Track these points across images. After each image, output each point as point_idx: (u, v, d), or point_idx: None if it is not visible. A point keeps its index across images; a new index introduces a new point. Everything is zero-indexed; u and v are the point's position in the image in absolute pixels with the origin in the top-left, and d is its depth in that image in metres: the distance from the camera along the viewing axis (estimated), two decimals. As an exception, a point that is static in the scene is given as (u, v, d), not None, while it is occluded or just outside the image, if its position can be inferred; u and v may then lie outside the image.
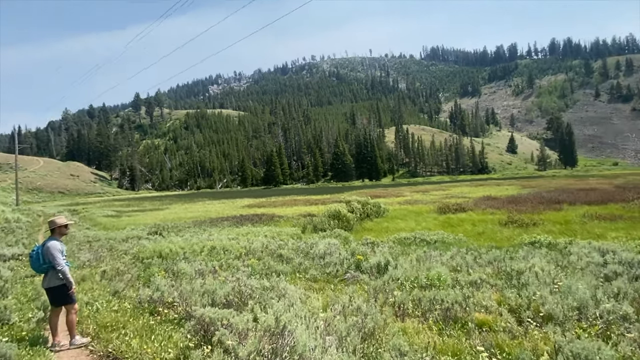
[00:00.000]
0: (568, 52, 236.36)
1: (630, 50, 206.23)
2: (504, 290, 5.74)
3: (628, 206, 21.57)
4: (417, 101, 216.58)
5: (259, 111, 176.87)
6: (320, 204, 34.85)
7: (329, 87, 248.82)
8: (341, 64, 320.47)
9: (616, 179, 51.18)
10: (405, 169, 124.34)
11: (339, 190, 65.11)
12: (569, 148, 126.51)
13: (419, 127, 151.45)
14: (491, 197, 31.82)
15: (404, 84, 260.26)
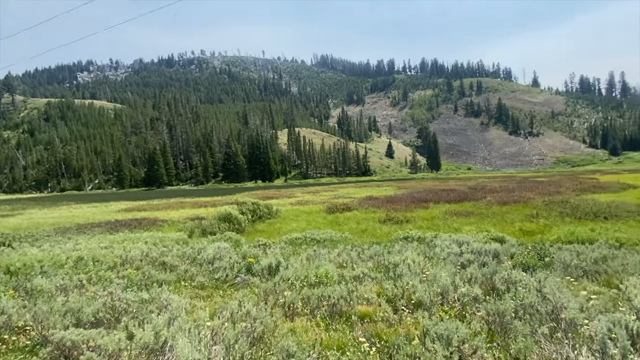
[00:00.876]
0: (435, 71, 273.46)
1: (480, 74, 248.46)
2: (383, 282, 6.29)
3: (478, 204, 25.87)
4: (308, 105, 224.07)
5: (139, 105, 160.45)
6: (210, 206, 33.32)
7: (220, 85, 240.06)
8: (233, 61, 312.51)
9: (469, 181, 60.95)
10: (297, 170, 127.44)
11: (230, 191, 63.22)
12: (434, 154, 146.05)
13: (310, 131, 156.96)
14: (373, 197, 34.72)
15: (296, 87, 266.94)
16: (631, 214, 18.05)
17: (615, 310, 4.11)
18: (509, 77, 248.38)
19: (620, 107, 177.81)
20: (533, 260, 7.21)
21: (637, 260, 7.76)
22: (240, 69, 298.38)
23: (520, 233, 15.48)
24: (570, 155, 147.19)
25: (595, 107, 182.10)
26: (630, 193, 28.91)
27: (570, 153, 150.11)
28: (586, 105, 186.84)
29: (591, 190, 31.55)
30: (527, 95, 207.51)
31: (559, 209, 20.47)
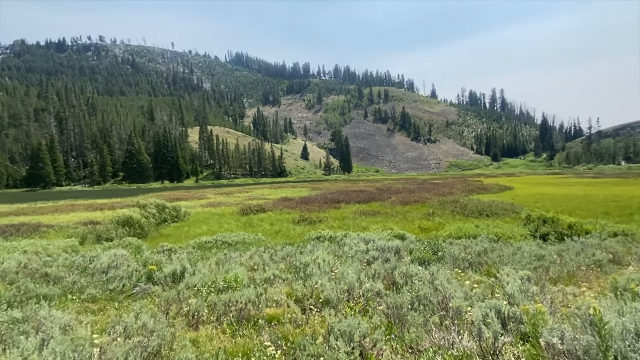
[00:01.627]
0: (347, 77, 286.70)
1: (387, 83, 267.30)
2: (293, 283, 6.32)
3: (384, 204, 27.68)
4: (222, 103, 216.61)
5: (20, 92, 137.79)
6: (107, 209, 30.12)
7: (122, 75, 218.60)
8: (138, 51, 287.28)
9: (377, 183, 65.03)
10: (210, 170, 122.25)
11: (132, 192, 57.88)
12: (346, 157, 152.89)
13: (224, 130, 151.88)
14: (287, 198, 34.91)
15: (209, 84, 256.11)
16: (507, 211, 21.03)
17: (492, 296, 4.70)
18: (411, 88, 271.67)
19: (500, 120, 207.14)
20: (428, 254, 7.93)
21: (510, 252, 9.04)
22: (146, 60, 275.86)
23: (419, 230, 16.95)
24: (461, 160, 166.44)
25: (481, 119, 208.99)
26: (506, 194, 33.70)
27: (461, 158, 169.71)
28: (474, 116, 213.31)
29: (477, 191, 36.01)
30: (426, 106, 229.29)
31: (451, 208, 22.95)
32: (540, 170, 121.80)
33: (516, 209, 21.68)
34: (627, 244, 10.03)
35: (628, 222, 15.96)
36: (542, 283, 4.64)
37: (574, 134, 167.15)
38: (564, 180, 57.67)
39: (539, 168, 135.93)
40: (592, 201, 24.96)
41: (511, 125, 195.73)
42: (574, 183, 47.71)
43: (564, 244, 9.81)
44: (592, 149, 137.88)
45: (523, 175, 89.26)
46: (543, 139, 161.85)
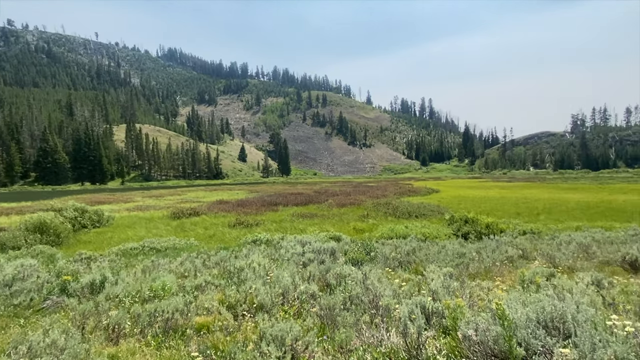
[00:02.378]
0: (286, 80, 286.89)
1: (325, 88, 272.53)
2: (226, 288, 6.12)
3: (321, 206, 28.08)
4: (152, 100, 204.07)
5: None
6: (14, 213, 26.75)
7: (36, 65, 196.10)
8: (55, 40, 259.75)
9: (315, 185, 65.78)
10: (138, 172, 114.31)
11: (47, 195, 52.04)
12: (285, 159, 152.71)
13: (154, 128, 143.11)
14: (223, 201, 33.86)
15: (138, 79, 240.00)
16: (434, 213, 22.50)
17: (419, 293, 4.97)
18: (348, 93, 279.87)
19: (429, 127, 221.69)
20: (362, 255, 8.19)
21: (436, 250, 9.67)
22: (65, 50, 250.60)
23: (354, 231, 17.44)
24: (394, 165, 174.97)
25: (412, 126, 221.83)
26: (433, 196, 36.06)
27: (393, 162, 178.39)
28: (405, 123, 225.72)
29: (407, 194, 38.07)
30: (362, 111, 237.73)
31: (384, 210, 23.98)
32: (463, 175, 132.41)
33: (442, 210, 23.29)
34: (534, 241, 11.26)
35: (535, 222, 17.95)
36: (462, 279, 5.02)
37: (491, 142, 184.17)
38: (482, 183, 63.30)
39: (462, 172, 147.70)
40: (506, 203, 27.68)
41: (438, 132, 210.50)
42: (491, 186, 52.58)
43: (482, 242, 10.75)
44: (506, 155, 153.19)
45: (448, 179, 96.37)
46: (465, 146, 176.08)
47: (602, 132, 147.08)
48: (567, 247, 8.90)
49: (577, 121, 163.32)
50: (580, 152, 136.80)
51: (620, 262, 7.46)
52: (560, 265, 7.42)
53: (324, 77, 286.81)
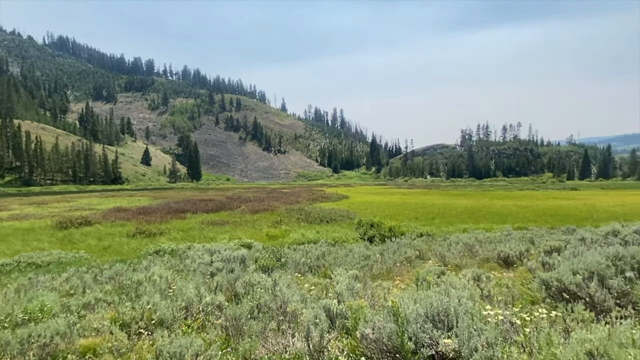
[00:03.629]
0: (197, 81, 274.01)
1: (239, 92, 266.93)
2: (120, 305, 5.53)
3: (233, 213, 27.27)
4: (36, 94, 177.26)
5: None
6: None
7: None
8: None
9: (228, 191, 63.75)
10: (16, 175, 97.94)
11: None
12: (195, 164, 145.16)
13: (37, 125, 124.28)
14: (122, 208, 30.83)
15: (18, 68, 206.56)
16: (343, 218, 23.45)
17: (326, 296, 5.09)
18: (263, 99, 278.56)
19: (340, 136, 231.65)
20: (272, 262, 8.13)
21: (344, 254, 10.06)
22: None
23: (267, 238, 17.29)
24: (307, 171, 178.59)
25: (325, 134, 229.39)
26: (344, 202, 37.62)
27: (307, 169, 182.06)
28: (319, 131, 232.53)
29: (320, 200, 39.10)
30: (277, 118, 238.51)
31: (297, 216, 24.25)
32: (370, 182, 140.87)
33: (351, 215, 24.40)
34: (429, 242, 12.42)
35: (430, 225, 19.85)
36: (365, 280, 5.30)
37: (395, 152, 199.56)
38: (387, 190, 68.11)
39: (370, 179, 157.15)
40: (407, 208, 30.13)
41: (349, 141, 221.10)
42: (395, 193, 56.83)
43: (385, 245, 11.51)
44: (407, 164, 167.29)
45: (357, 185, 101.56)
46: (373, 155, 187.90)
47: (485, 146, 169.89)
48: (456, 247, 9.99)
49: (466, 135, 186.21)
50: (468, 163, 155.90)
51: (496, 259, 8.62)
52: (450, 264, 8.30)
53: (238, 81, 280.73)
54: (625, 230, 7.37)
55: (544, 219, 21.61)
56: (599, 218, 20.52)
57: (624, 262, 4.39)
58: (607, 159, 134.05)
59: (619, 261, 4.41)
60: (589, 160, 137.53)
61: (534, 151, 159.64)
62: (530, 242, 10.43)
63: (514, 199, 39.45)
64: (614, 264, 4.33)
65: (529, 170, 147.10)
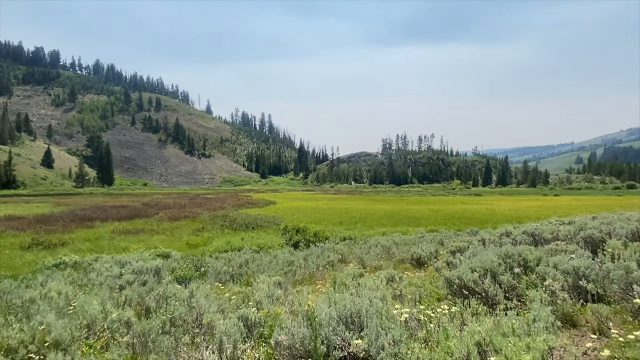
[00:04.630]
0: (111, 77, 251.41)
1: (159, 91, 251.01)
2: (6, 327, 4.80)
3: (150, 221, 25.42)
4: None
5: None
6: None
7: None
8: None
9: (144, 197, 59.28)
10: None
11: None
12: (107, 167, 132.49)
13: None
14: (15, 216, 26.95)
15: None
16: (270, 223, 23.26)
17: (246, 305, 4.98)
18: (186, 99, 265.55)
19: (268, 141, 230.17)
20: (191, 272, 7.74)
21: (268, 260, 9.96)
22: None
23: (187, 246, 16.42)
24: (234, 176, 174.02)
25: (252, 139, 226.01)
26: (270, 208, 37.35)
27: (233, 174, 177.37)
28: (246, 136, 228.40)
29: (246, 206, 38.32)
30: (201, 120, 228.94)
31: (221, 222, 23.45)
32: (298, 187, 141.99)
33: (277, 220, 24.30)
34: (351, 246, 12.87)
35: (353, 229, 20.60)
36: (286, 286, 5.30)
37: (322, 158, 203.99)
38: (314, 195, 69.24)
39: (298, 185, 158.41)
40: (332, 213, 30.93)
41: (277, 147, 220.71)
42: (321, 198, 58.02)
43: (310, 250, 11.66)
44: (334, 171, 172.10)
45: (285, 191, 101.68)
46: (300, 161, 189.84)
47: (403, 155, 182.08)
48: (375, 250, 10.51)
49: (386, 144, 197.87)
50: (388, 170, 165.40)
51: (410, 260, 9.24)
52: (369, 266, 8.70)
53: (158, 79, 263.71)
54: (515, 232, 8.42)
55: (453, 222, 23.76)
56: (497, 220, 23.15)
57: (513, 260, 5.01)
58: (504, 168, 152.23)
59: (508, 259, 5.01)
60: (490, 169, 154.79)
61: (445, 160, 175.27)
62: (439, 244, 11.37)
63: (427, 204, 42.77)
64: (504, 261, 4.91)
65: (441, 178, 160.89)
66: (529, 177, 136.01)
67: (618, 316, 3.44)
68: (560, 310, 3.55)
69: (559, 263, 4.41)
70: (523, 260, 4.99)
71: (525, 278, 4.47)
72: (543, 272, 4.37)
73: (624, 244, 5.16)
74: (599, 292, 3.94)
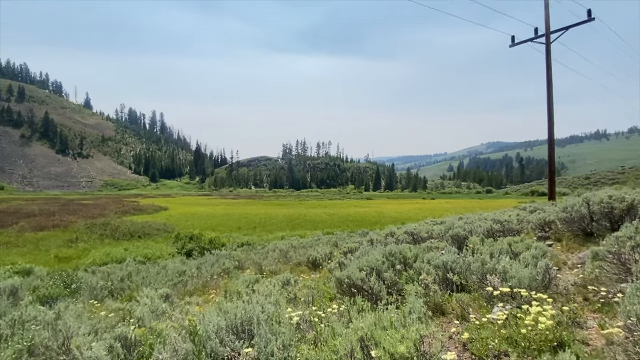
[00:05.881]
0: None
1: (23, 79, 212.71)
2: None
3: (7, 232, 21.27)
4: None
5: None
6: None
7: None
8: None
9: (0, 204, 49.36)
10: None
11: None
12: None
13: None
14: None
15: None
16: (160, 231, 21.50)
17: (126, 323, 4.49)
18: (59, 91, 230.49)
19: (160, 142, 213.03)
20: (58, 289, 6.67)
21: (156, 272, 9.16)
22: None
23: (56, 260, 14.18)
24: (118, 180, 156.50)
25: (141, 139, 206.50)
26: (162, 214, 34.57)
27: (117, 177, 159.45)
28: (133, 135, 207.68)
29: (132, 212, 34.76)
30: (78, 115, 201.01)
31: (100, 231, 20.83)
32: (193, 192, 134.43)
33: (168, 228, 22.61)
34: (249, 252, 12.65)
35: (252, 234, 20.32)
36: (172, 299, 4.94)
37: (220, 162, 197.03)
38: (211, 200, 66.36)
39: (193, 190, 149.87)
40: (230, 218, 30.02)
41: (170, 148, 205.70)
42: (219, 203, 55.90)
43: (204, 258, 11.10)
44: (233, 175, 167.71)
45: (179, 196, 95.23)
46: (197, 164, 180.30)
47: (303, 160, 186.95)
48: (273, 254, 10.51)
49: (287, 149, 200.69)
50: (288, 175, 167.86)
51: (306, 263, 9.47)
52: (266, 271, 8.65)
53: (22, 65, 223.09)
54: (398, 232, 9.29)
55: (347, 224, 25.18)
56: (385, 222, 25.29)
57: (395, 258, 5.50)
58: (392, 175, 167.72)
59: (391, 257, 5.49)
60: (380, 176, 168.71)
61: (340, 166, 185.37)
62: (334, 245, 11.91)
63: (324, 208, 44.57)
64: (387, 259, 5.36)
65: (337, 183, 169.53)
66: (411, 183, 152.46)
67: (476, 302, 4.02)
68: (432, 301, 4.01)
69: (432, 259, 4.98)
70: (403, 258, 5.51)
71: (405, 274, 4.95)
72: (419, 267, 4.89)
73: (481, 240, 6.09)
74: (462, 282, 4.57)
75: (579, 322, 3.11)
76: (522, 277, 3.76)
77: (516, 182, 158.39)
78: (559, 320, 2.87)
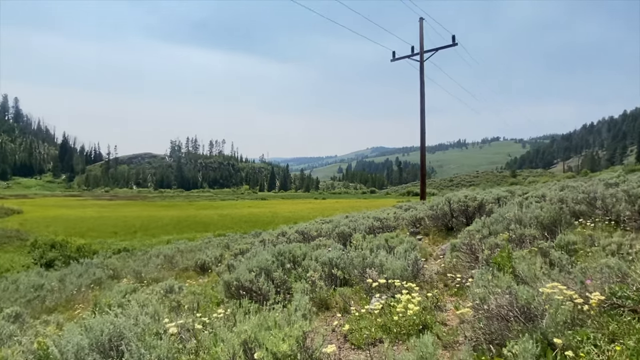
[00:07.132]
0: None
1: None
2: None
3: None
4: None
5: None
6: None
7: None
8: None
9: None
10: None
11: None
12: None
13: None
14: None
15: None
16: (10, 239, 17.92)
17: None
18: None
19: (13, 132, 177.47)
20: None
21: (3, 287, 7.61)
22: None
23: None
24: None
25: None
26: (13, 218, 28.92)
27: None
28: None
29: (-30, 217, 28.30)
30: None
31: None
32: (58, 192, 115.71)
33: (23, 235, 19.02)
34: (126, 259, 11.40)
35: (132, 239, 18.38)
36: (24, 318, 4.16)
37: (94, 158, 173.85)
38: (82, 202, 58.05)
39: (58, 189, 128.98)
40: (104, 222, 26.67)
41: (27, 140, 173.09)
42: (91, 205, 49.23)
43: (70, 268, 9.63)
44: (110, 173, 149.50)
45: (38, 197, 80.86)
46: (63, 160, 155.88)
47: (194, 158, 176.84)
48: (155, 261, 9.67)
49: (175, 147, 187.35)
50: (177, 174, 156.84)
51: (194, 267, 8.97)
52: (147, 279, 7.91)
53: None
54: (290, 231, 9.46)
55: (240, 225, 24.67)
56: (279, 222, 25.51)
57: (284, 257, 5.57)
58: (286, 175, 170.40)
59: (281, 256, 5.54)
60: (275, 176, 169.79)
61: (235, 166, 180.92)
62: (226, 247, 11.53)
63: (217, 209, 42.89)
64: (277, 259, 5.40)
65: (231, 183, 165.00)
66: (305, 183, 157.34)
67: (357, 295, 4.32)
68: (318, 297, 4.18)
69: (319, 256, 5.19)
70: (293, 257, 5.62)
71: (294, 272, 5.05)
72: (307, 265, 5.04)
73: (363, 237, 6.58)
74: (346, 277, 4.86)
75: (440, 305, 3.59)
76: (396, 269, 4.18)
77: (395, 183, 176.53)
78: (425, 306, 3.25)
